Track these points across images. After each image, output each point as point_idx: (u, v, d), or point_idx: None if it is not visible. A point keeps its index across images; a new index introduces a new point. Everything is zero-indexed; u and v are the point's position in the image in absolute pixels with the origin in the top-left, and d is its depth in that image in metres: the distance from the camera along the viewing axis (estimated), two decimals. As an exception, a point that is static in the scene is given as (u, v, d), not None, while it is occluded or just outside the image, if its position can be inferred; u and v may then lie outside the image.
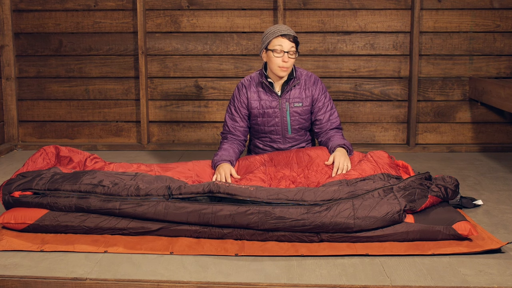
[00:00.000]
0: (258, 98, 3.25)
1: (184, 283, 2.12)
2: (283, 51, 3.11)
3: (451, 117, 4.54)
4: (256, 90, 3.25)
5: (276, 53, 3.11)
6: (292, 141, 3.30)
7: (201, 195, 2.52)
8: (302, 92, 3.24)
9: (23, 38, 4.59)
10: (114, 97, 4.62)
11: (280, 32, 3.12)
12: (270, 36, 3.14)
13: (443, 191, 2.63)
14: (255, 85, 3.26)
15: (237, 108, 3.27)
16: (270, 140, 3.31)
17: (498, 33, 4.44)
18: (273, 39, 3.12)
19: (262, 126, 3.28)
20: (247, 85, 3.28)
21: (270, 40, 3.13)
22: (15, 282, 2.16)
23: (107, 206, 2.52)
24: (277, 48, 3.11)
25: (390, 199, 2.48)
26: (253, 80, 3.29)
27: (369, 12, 4.46)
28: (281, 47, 3.10)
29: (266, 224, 2.43)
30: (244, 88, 3.27)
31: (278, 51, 3.11)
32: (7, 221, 2.54)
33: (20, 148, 4.60)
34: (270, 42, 3.14)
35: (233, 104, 3.29)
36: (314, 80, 3.28)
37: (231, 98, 3.31)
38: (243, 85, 3.29)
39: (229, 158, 3.12)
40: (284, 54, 3.11)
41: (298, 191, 2.53)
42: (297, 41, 3.15)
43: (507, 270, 2.20)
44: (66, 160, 3.05)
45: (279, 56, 3.11)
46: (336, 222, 2.41)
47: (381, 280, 2.12)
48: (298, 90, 3.24)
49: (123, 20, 4.53)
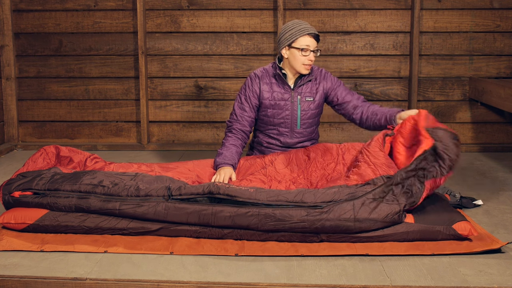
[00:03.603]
0: (270, 89, 3.23)
1: (184, 283, 2.12)
2: (310, 50, 3.11)
3: (451, 117, 4.54)
4: (269, 81, 3.24)
5: (304, 52, 3.11)
6: (300, 136, 3.27)
7: (201, 196, 2.52)
8: (314, 87, 3.24)
9: (23, 38, 4.59)
10: (114, 97, 4.62)
11: (307, 30, 3.11)
12: (297, 34, 3.11)
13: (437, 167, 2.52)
14: (269, 77, 3.25)
15: (248, 97, 3.24)
16: (278, 133, 3.27)
17: (498, 33, 4.44)
18: (300, 38, 3.11)
19: (272, 118, 3.25)
20: (260, 76, 3.25)
21: (297, 38, 3.11)
22: (15, 282, 2.16)
23: (107, 207, 2.52)
24: (304, 47, 3.10)
25: (389, 200, 2.48)
26: (266, 71, 3.27)
27: (369, 12, 4.46)
28: (308, 47, 3.10)
29: (266, 225, 2.43)
30: (257, 78, 3.25)
31: (305, 50, 3.10)
32: (7, 221, 2.54)
33: (20, 148, 4.60)
34: (296, 40, 3.11)
35: (244, 93, 3.25)
36: (324, 74, 3.28)
37: (242, 88, 3.28)
38: (256, 75, 3.26)
39: (232, 161, 3.10)
40: (310, 53, 3.12)
41: (298, 192, 2.52)
42: (319, 39, 3.17)
43: (507, 270, 2.20)
44: (66, 160, 3.05)
45: (306, 55, 3.11)
46: (336, 224, 2.41)
47: (381, 280, 2.12)
48: (310, 85, 3.24)
49: (123, 20, 4.53)
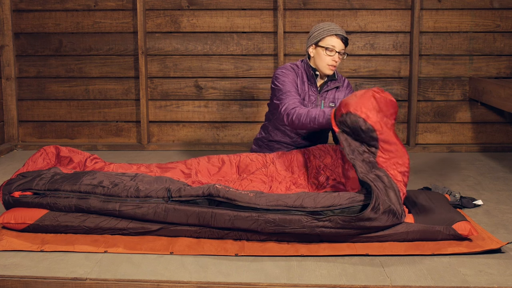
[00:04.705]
0: (302, 86, 3.22)
1: (184, 283, 2.12)
2: (335, 51, 3.13)
3: (451, 117, 4.54)
4: (302, 78, 3.24)
5: (328, 51, 3.13)
6: (314, 139, 3.31)
7: (200, 198, 2.51)
8: (336, 93, 3.29)
9: (23, 38, 4.59)
10: (114, 97, 4.62)
11: (335, 31, 3.13)
12: (324, 34, 3.13)
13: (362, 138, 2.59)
14: (301, 74, 3.24)
15: (291, 79, 3.16)
16: (296, 132, 3.28)
17: (498, 33, 4.44)
18: (327, 37, 3.13)
19: None
20: (295, 70, 3.24)
21: (324, 37, 3.14)
22: (15, 282, 2.15)
23: (107, 207, 2.51)
24: (330, 47, 3.12)
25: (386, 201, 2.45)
26: (299, 68, 3.26)
27: (369, 12, 4.46)
28: (333, 47, 3.12)
29: (266, 229, 2.42)
30: (293, 70, 3.23)
31: (330, 50, 3.13)
32: (7, 221, 2.54)
33: (20, 148, 4.60)
34: (323, 39, 3.14)
35: (286, 76, 3.15)
36: (347, 84, 3.34)
37: (280, 75, 3.18)
38: (292, 67, 3.24)
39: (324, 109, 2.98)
40: (335, 54, 3.14)
41: (297, 197, 2.47)
42: (348, 43, 3.18)
43: (507, 270, 2.20)
44: (66, 160, 3.05)
45: (331, 55, 3.14)
46: (337, 232, 2.40)
47: (381, 280, 2.12)
48: (334, 92, 3.28)
49: (123, 20, 4.53)
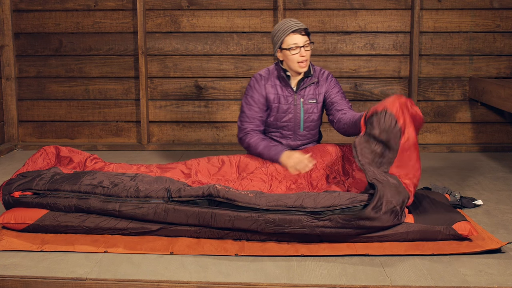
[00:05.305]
0: (275, 91, 3.19)
1: (184, 283, 2.12)
2: (299, 47, 3.07)
3: (451, 117, 4.54)
4: (274, 83, 3.19)
5: (293, 50, 3.07)
6: (303, 138, 3.25)
7: (200, 198, 2.51)
8: (317, 89, 3.21)
9: (23, 38, 4.59)
10: (114, 97, 4.62)
11: (291, 28, 3.06)
12: (282, 35, 3.08)
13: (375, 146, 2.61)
14: (274, 78, 3.20)
15: (256, 98, 3.18)
16: (281, 136, 3.25)
17: (498, 33, 4.44)
18: (286, 38, 3.07)
19: (275, 121, 3.22)
20: (266, 77, 3.20)
21: (283, 39, 3.08)
22: (15, 282, 2.16)
23: (107, 207, 2.51)
24: (292, 46, 3.06)
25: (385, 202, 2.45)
26: (271, 73, 3.22)
27: (369, 12, 4.46)
28: (296, 44, 3.06)
29: (266, 229, 2.42)
30: (263, 79, 3.20)
31: (294, 48, 3.06)
32: (7, 221, 2.54)
33: (20, 148, 4.60)
34: (283, 41, 3.08)
35: (251, 95, 3.19)
36: (327, 75, 3.24)
37: (248, 90, 3.21)
38: (262, 76, 3.21)
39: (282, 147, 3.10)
40: (300, 50, 3.07)
41: (298, 197, 2.47)
42: (308, 32, 3.10)
43: (507, 270, 2.20)
44: (66, 160, 3.05)
45: (296, 53, 3.07)
46: (337, 232, 2.40)
47: (381, 280, 2.12)
48: (313, 87, 3.21)
49: (123, 20, 4.53)
